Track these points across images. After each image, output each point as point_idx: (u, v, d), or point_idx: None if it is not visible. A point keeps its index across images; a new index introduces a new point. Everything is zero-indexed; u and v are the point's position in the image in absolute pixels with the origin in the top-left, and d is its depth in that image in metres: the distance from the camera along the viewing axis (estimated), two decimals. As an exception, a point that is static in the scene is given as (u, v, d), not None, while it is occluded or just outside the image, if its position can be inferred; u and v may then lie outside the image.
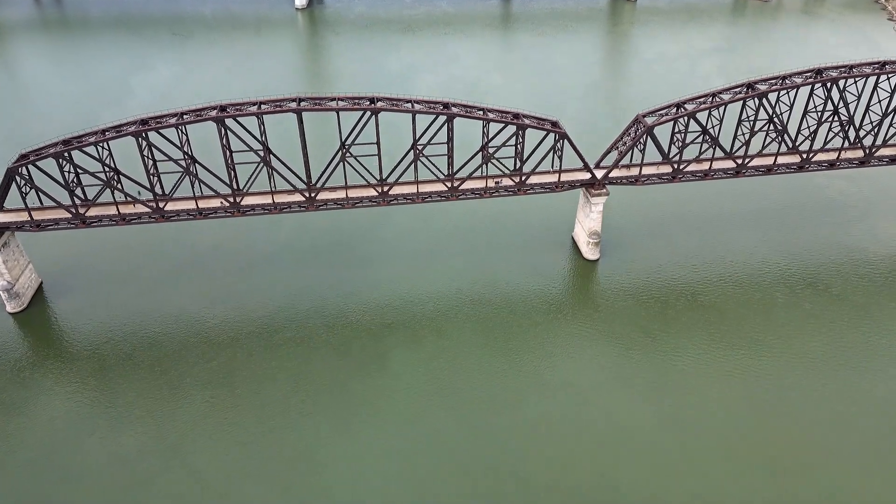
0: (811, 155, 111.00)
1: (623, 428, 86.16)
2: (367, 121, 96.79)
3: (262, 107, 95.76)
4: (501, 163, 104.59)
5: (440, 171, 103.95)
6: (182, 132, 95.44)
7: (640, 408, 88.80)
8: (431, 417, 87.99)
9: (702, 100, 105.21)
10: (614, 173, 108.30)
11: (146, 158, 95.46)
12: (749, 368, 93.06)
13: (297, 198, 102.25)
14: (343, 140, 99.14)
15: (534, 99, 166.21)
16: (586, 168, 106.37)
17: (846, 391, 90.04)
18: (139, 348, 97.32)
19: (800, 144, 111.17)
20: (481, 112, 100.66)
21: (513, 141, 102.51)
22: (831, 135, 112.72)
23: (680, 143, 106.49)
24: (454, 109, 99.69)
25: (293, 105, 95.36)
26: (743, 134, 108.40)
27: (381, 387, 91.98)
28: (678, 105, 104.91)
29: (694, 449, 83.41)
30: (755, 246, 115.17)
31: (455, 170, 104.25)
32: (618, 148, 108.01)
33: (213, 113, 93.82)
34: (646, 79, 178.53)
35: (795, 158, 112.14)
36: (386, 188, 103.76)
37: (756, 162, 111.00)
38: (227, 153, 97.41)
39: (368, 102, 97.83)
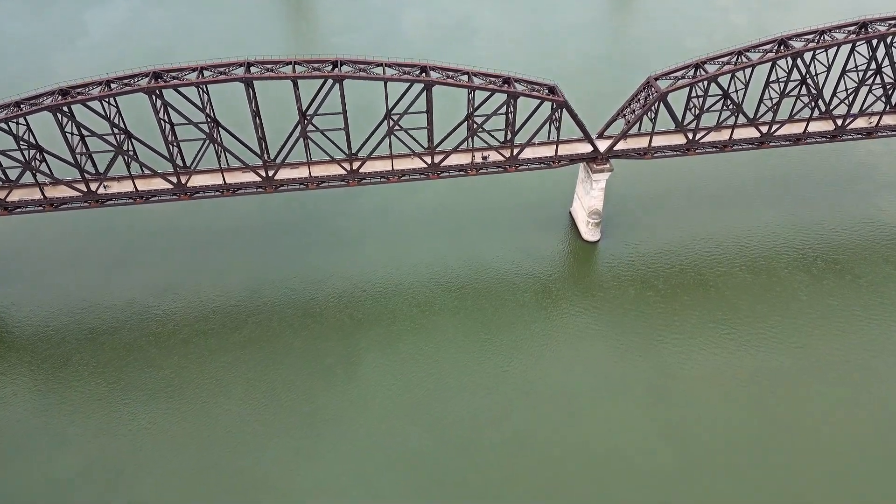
0: (848, 122, 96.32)
1: (619, 447, 75.83)
2: (331, 88, 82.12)
3: (205, 74, 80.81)
4: (491, 135, 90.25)
5: (420, 144, 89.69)
6: (110, 104, 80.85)
7: (640, 422, 78.26)
8: (407, 435, 77.61)
9: (725, 59, 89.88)
10: (620, 145, 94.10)
11: (70, 135, 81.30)
12: (763, 374, 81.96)
13: (253, 177, 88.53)
14: (303, 110, 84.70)
15: (528, 43, 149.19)
16: (588, 140, 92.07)
17: (873, 404, 79.20)
18: (78, 351, 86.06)
19: (834, 109, 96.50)
20: (465, 77, 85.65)
21: (503, 110, 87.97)
22: (871, 98, 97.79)
23: (696, 110, 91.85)
24: (433, 75, 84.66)
25: (241, 72, 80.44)
26: (770, 98, 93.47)
27: (350, 398, 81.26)
28: (697, 66, 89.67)
29: (699, 472, 73.28)
30: (777, 225, 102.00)
31: (436, 143, 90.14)
32: (625, 116, 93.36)
33: (145, 82, 78.99)
34: (661, 16, 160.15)
35: (829, 126, 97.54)
36: (356, 165, 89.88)
37: (783, 130, 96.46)
38: (167, 127, 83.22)
39: (331, 68, 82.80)
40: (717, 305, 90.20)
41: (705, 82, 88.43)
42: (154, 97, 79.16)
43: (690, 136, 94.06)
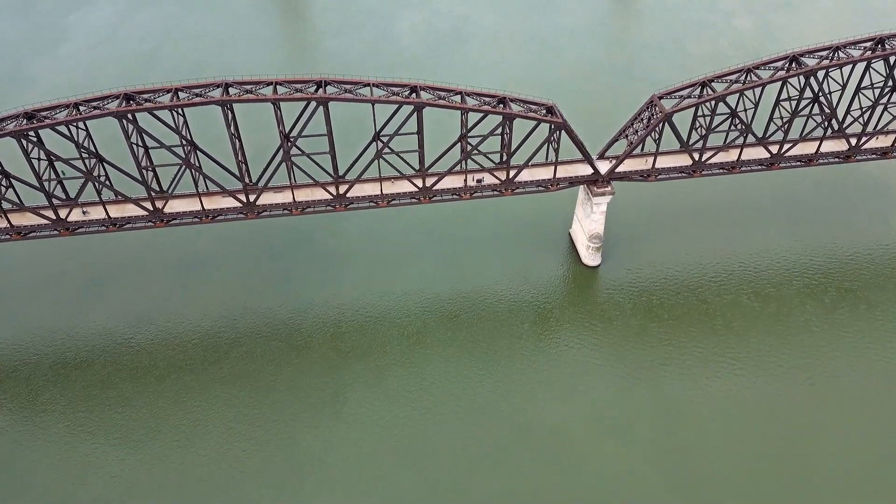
0: (862, 141, 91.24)
1: (622, 497, 71.29)
2: (316, 109, 77.05)
3: (180, 95, 75.71)
4: (486, 157, 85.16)
5: (411, 166, 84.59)
6: (79, 128, 75.83)
7: (644, 469, 73.72)
8: (395, 480, 73.26)
9: (734, 77, 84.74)
10: (622, 167, 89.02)
11: (36, 161, 76.31)
12: (775, 414, 77.35)
13: (234, 202, 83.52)
14: (286, 132, 79.70)
15: (526, 48, 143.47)
16: (588, 162, 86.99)
17: (895, 445, 74.61)
18: (48, 387, 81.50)
19: (847, 127, 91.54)
20: (458, 97, 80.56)
21: (499, 131, 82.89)
22: (887, 116, 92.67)
23: (703, 130, 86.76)
24: (424, 96, 79.53)
25: (218, 93, 75.32)
26: (781, 117, 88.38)
27: (335, 439, 76.74)
28: (703, 84, 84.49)
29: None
30: (787, 248, 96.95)
31: (427, 165, 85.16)
32: (627, 136, 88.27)
33: (115, 105, 73.88)
34: (664, 20, 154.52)
35: (842, 145, 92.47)
36: (343, 189, 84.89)
37: (794, 150, 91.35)
38: (140, 152, 78.26)
39: (315, 89, 77.70)
40: (724, 338, 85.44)
41: (712, 102, 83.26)
42: (125, 121, 74.05)
43: (696, 156, 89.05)
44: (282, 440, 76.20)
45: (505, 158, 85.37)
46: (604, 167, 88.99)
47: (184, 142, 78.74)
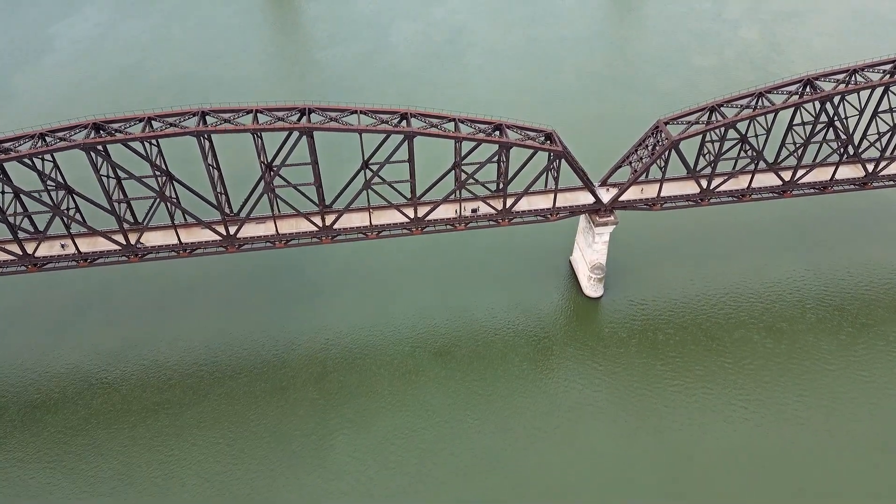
0: (880, 167, 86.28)
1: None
2: (300, 139, 72.07)
3: (154, 125, 70.73)
4: (483, 185, 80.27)
5: (402, 195, 79.56)
6: (44, 159, 70.86)
7: (651, 524, 68.78)
8: (382, 540, 68.29)
9: (744, 101, 79.78)
10: (626, 194, 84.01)
11: (1, 195, 71.44)
12: (790, 462, 72.30)
13: (212, 235, 78.53)
14: (269, 162, 74.83)
15: (525, 60, 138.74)
16: (590, 190, 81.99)
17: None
18: (14, 432, 76.60)
19: (863, 152, 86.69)
20: (451, 125, 75.58)
21: (495, 158, 77.91)
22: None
23: (711, 156, 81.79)
24: (415, 124, 74.54)
25: (194, 123, 70.33)
26: (793, 142, 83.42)
27: (319, 493, 71.63)
28: (712, 109, 79.57)
29: None
30: (799, 278, 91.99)
31: (419, 194, 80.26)
32: (631, 163, 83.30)
33: (83, 136, 68.88)
34: (666, 30, 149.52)
35: (858, 171, 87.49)
36: (330, 219, 79.93)
37: (808, 177, 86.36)
38: (111, 184, 73.38)
39: (298, 117, 72.75)
40: (734, 379, 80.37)
41: (722, 128, 78.26)
42: (91, 154, 69.03)
43: (704, 183, 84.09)
44: (261, 494, 71.17)
45: (501, 187, 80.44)
46: (606, 195, 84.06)
47: (158, 172, 73.77)
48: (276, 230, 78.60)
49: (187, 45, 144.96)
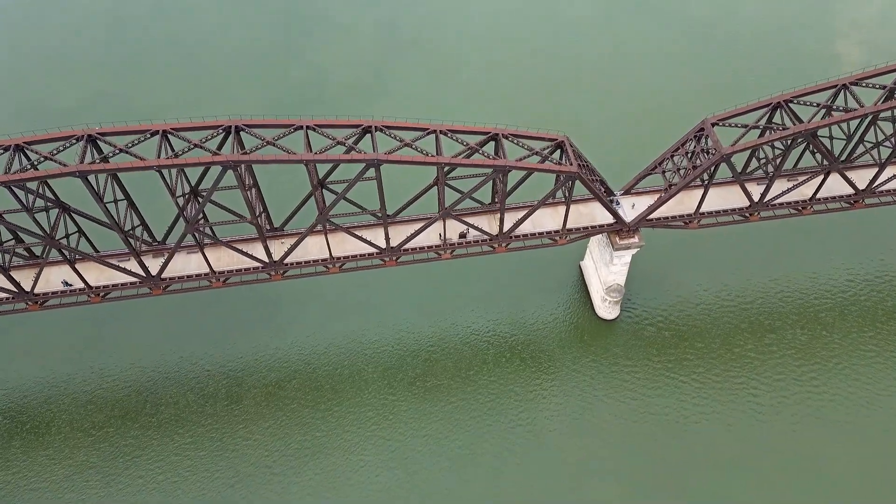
0: None
1: None
2: (225, 171, 53.79)
3: (30, 156, 52.30)
4: (474, 199, 62.45)
5: (372, 213, 61.74)
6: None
7: None
8: None
9: (826, 94, 60.16)
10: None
11: None
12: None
13: (129, 278, 61.88)
14: (193, 186, 57.16)
15: (532, 41, 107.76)
16: (610, 212, 64.01)
17: None
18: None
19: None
20: (433, 138, 56.77)
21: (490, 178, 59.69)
22: None
23: (766, 160, 63.25)
24: (381, 142, 55.49)
25: (78, 152, 51.79)
26: (867, 141, 64.65)
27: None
28: (777, 106, 60.14)
29: None
30: (863, 295, 75.75)
31: (393, 212, 63.06)
32: (664, 172, 64.72)
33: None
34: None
35: (954, 173, 68.81)
36: (276, 249, 63.04)
37: (891, 183, 67.75)
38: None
39: (221, 140, 54.07)
40: (780, 438, 66.18)
41: (788, 139, 59.19)
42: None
43: (753, 190, 66.26)
44: None
45: (498, 203, 62.82)
46: (630, 210, 66.25)
47: (48, 203, 56.13)
48: (210, 266, 61.60)
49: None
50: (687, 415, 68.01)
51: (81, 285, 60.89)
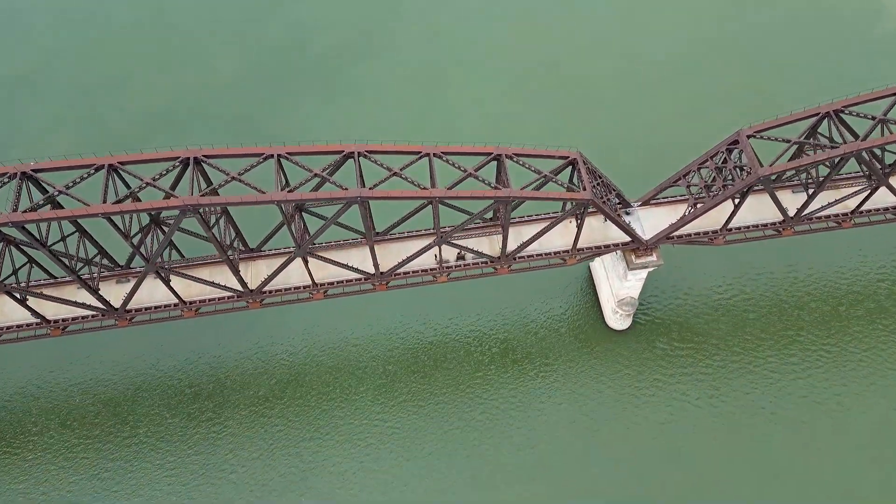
0: None
1: None
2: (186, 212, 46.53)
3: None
4: (471, 214, 55.33)
5: (356, 230, 55.18)
6: None
7: None
8: None
9: (875, 104, 51.90)
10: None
11: None
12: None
13: (87, 311, 55.64)
14: (153, 216, 50.17)
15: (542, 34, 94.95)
16: (627, 232, 56.84)
17: None
18: None
19: None
20: (426, 161, 49.17)
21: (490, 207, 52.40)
22: None
23: (807, 176, 55.63)
24: (367, 169, 47.93)
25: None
26: (930, 147, 56.55)
27: None
28: (825, 116, 51.98)
29: None
30: (891, 304, 69.55)
31: (383, 230, 56.27)
32: (689, 185, 57.08)
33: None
34: None
35: None
36: (253, 278, 56.54)
37: (940, 193, 60.15)
38: None
39: (179, 171, 46.63)
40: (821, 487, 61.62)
41: (838, 158, 51.31)
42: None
43: (788, 203, 58.94)
44: None
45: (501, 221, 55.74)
46: (649, 230, 59.06)
47: (-11, 239, 49.33)
48: (179, 298, 55.25)
49: None
50: (703, 435, 63.24)
51: (36, 319, 54.81)
